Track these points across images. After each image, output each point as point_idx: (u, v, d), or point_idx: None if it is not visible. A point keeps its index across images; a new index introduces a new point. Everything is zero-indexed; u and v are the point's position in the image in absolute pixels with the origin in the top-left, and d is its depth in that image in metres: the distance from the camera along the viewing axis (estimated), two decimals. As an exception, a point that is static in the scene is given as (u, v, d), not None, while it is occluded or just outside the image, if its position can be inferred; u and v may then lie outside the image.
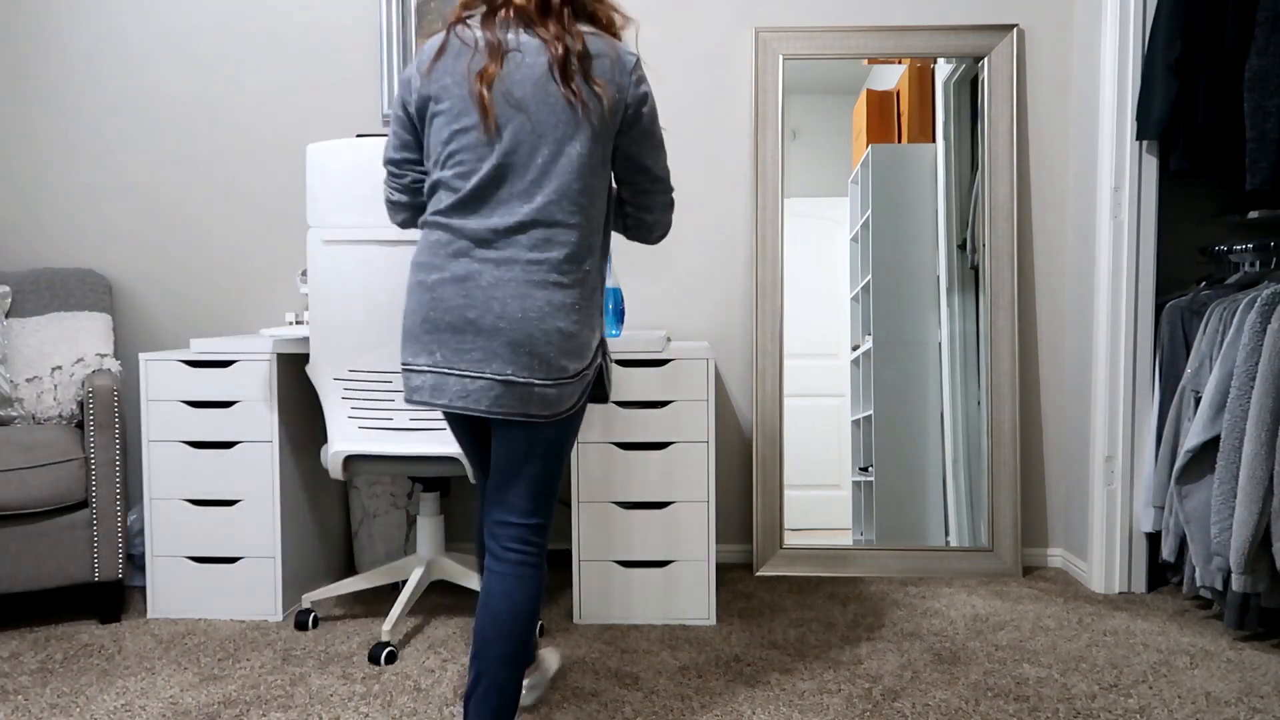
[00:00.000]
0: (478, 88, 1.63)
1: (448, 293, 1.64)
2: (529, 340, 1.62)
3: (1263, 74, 2.35)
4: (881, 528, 2.98)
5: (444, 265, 1.65)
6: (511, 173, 1.64)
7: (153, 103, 3.13)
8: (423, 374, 1.66)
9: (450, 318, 1.64)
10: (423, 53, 1.71)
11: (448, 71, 1.67)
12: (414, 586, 2.43)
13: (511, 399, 1.63)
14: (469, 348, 1.63)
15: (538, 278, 1.63)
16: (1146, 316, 2.71)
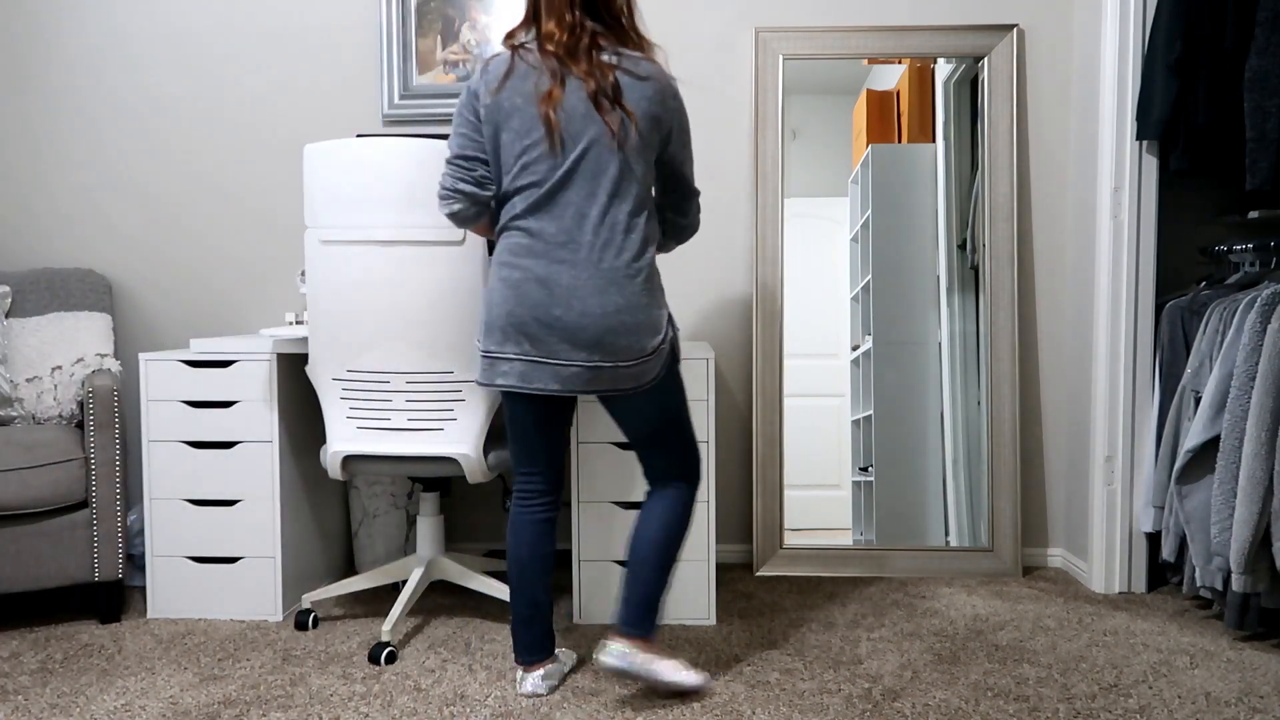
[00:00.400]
0: (544, 109, 1.88)
1: (532, 291, 1.89)
2: (609, 331, 1.89)
3: (1263, 74, 2.35)
4: (881, 528, 2.98)
5: (525, 266, 1.90)
6: (577, 184, 1.90)
7: (153, 103, 3.13)
8: (510, 361, 1.92)
9: (537, 313, 1.89)
10: (489, 71, 1.95)
11: (517, 91, 1.91)
12: (414, 586, 2.43)
13: (600, 380, 1.91)
14: (556, 340, 1.89)
15: (610, 278, 1.89)
16: (1146, 316, 2.71)
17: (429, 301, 2.19)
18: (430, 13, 3.05)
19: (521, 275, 1.90)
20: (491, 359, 1.94)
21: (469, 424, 2.27)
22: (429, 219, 2.15)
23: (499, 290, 1.93)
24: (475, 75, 1.98)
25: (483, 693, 2.09)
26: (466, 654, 2.31)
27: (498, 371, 1.94)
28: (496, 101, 1.92)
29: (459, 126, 1.97)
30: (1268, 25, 2.35)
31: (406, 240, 2.16)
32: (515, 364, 1.92)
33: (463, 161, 1.96)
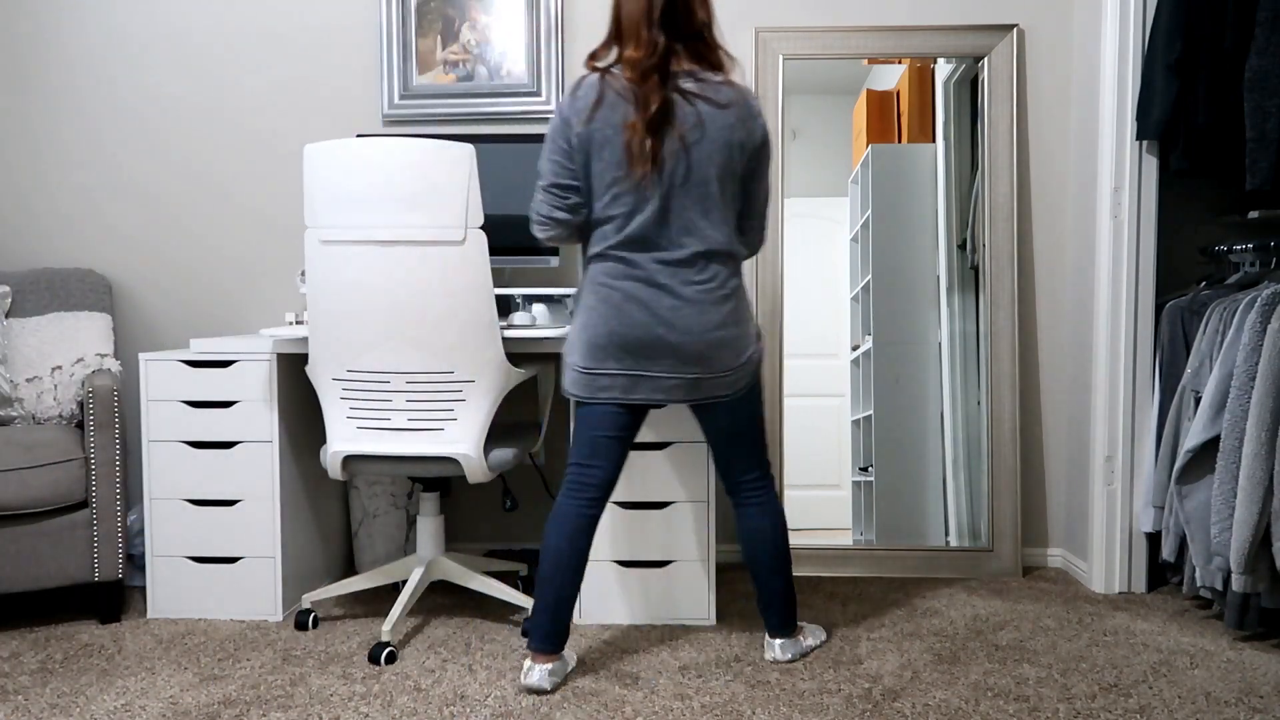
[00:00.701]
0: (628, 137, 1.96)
1: (634, 312, 2.02)
2: (709, 347, 2.03)
3: (1263, 74, 2.35)
4: (881, 528, 2.98)
5: (626, 290, 2.03)
6: (668, 214, 2.01)
7: (153, 103, 3.13)
8: (613, 376, 2.05)
9: (640, 333, 2.02)
10: (578, 99, 2.02)
11: (606, 122, 1.99)
12: (414, 586, 2.43)
13: (698, 390, 2.07)
14: (660, 357, 2.03)
15: (707, 299, 2.03)
16: (1146, 316, 2.71)
17: (429, 301, 2.19)
18: (430, 13, 3.05)
19: (622, 297, 2.03)
20: (593, 374, 2.07)
21: (469, 424, 2.27)
22: (429, 219, 2.15)
23: (599, 310, 2.04)
24: (565, 101, 2.05)
25: (483, 693, 2.09)
26: (466, 654, 2.31)
27: (599, 385, 2.07)
28: (588, 132, 2.00)
29: (552, 154, 2.05)
30: (1268, 25, 2.35)
31: (406, 240, 2.16)
32: (619, 378, 2.05)
33: (557, 190, 2.05)
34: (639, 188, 2.00)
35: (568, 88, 2.04)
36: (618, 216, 2.02)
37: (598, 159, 2.01)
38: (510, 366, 2.30)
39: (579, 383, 2.09)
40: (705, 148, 2.00)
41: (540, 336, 2.43)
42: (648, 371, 2.04)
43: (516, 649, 2.34)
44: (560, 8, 3.02)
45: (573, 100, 2.03)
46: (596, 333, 2.05)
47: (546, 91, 3.03)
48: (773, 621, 2.25)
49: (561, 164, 2.04)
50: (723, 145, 2.01)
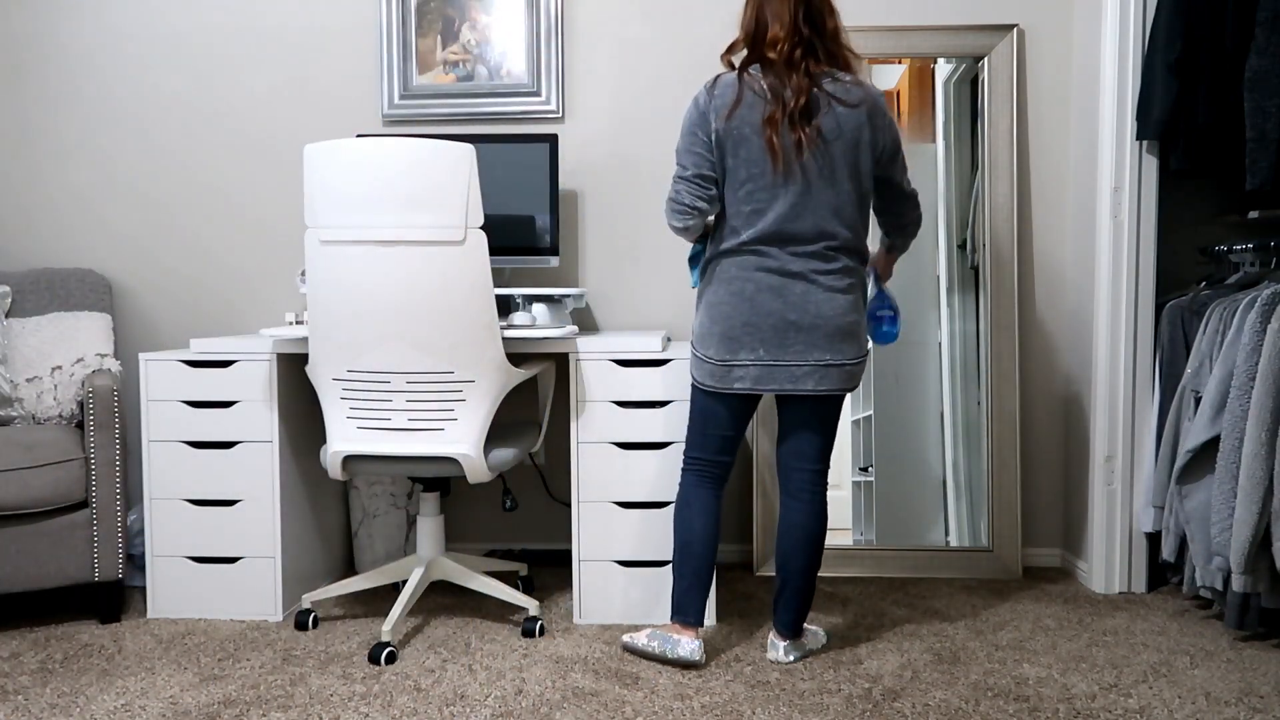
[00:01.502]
0: (768, 134, 2.04)
1: (767, 301, 2.10)
2: (839, 331, 2.12)
3: (1263, 74, 2.35)
4: (881, 528, 2.98)
5: (758, 280, 2.11)
6: (801, 210, 2.08)
7: (153, 103, 3.13)
8: (746, 367, 2.13)
9: (773, 320, 2.11)
10: (718, 95, 2.10)
11: (745, 121, 2.07)
12: (414, 586, 2.43)
13: (829, 378, 2.13)
14: (792, 342, 2.11)
15: (835, 286, 2.11)
16: (1146, 316, 2.71)
17: (429, 301, 2.19)
18: (430, 13, 3.05)
19: (755, 288, 2.11)
20: (727, 366, 2.15)
21: (469, 424, 2.27)
22: (429, 219, 2.15)
23: (730, 302, 2.13)
24: (703, 96, 2.12)
25: (483, 693, 2.09)
26: (466, 654, 2.31)
27: (734, 377, 2.15)
28: (728, 128, 2.08)
29: (692, 145, 2.13)
30: (1268, 25, 2.35)
31: (406, 240, 2.16)
32: (751, 369, 2.13)
33: (700, 181, 2.13)
34: (774, 184, 2.08)
35: (705, 83, 2.15)
36: (751, 213, 2.10)
37: (733, 156, 2.10)
38: (510, 366, 2.30)
39: (714, 374, 2.17)
40: (839, 145, 2.08)
41: (540, 336, 2.43)
42: (780, 360, 2.12)
43: (517, 649, 2.34)
44: (560, 8, 3.02)
45: (712, 97, 2.11)
46: (731, 324, 2.13)
47: (546, 91, 3.03)
48: (784, 619, 2.25)
49: (702, 155, 2.12)
50: (853, 144, 2.09)
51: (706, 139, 2.11)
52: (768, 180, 2.08)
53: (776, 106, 2.05)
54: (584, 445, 2.49)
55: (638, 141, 3.05)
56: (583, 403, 2.48)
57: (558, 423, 3.03)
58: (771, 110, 2.05)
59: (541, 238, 2.85)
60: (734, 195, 2.12)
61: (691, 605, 2.23)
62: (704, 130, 2.11)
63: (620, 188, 3.06)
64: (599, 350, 2.48)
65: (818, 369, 2.12)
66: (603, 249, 3.07)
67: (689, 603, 2.23)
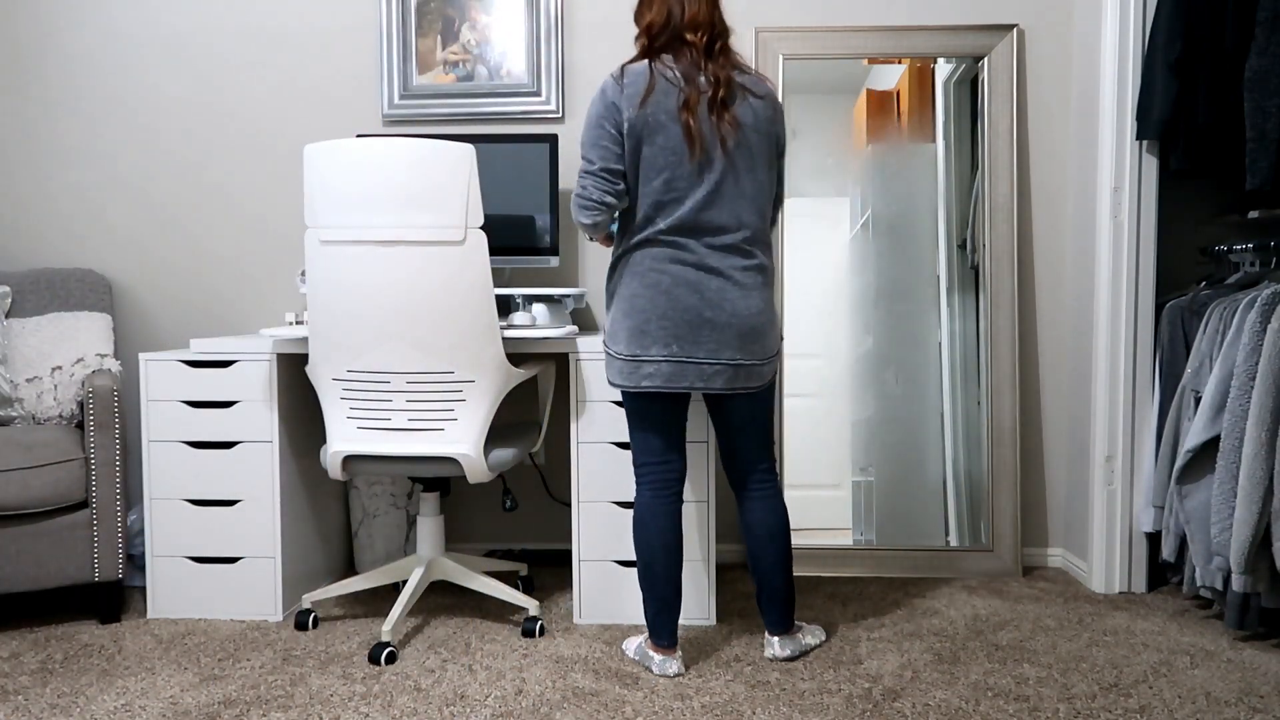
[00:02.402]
0: (685, 119, 2.00)
1: (683, 296, 2.05)
2: (753, 330, 2.08)
3: (1263, 74, 2.35)
4: (881, 528, 2.98)
5: (674, 273, 2.05)
6: (720, 198, 2.04)
7: (153, 104, 3.13)
8: (657, 363, 2.07)
9: (688, 316, 2.05)
10: (629, 84, 2.04)
11: (660, 108, 2.02)
12: (414, 586, 2.43)
13: (738, 378, 2.09)
14: (705, 340, 2.06)
15: (749, 283, 2.08)
16: (1146, 316, 2.71)
17: (429, 301, 2.19)
18: (430, 13, 3.05)
19: (671, 281, 2.05)
20: (637, 362, 2.08)
21: (469, 424, 2.28)
22: (429, 219, 2.15)
23: (645, 296, 2.06)
24: (611, 86, 2.06)
25: (483, 693, 2.09)
26: (466, 654, 2.31)
27: (643, 374, 2.08)
28: (641, 116, 2.02)
29: (600, 139, 2.06)
30: (1268, 25, 2.35)
31: (406, 240, 2.16)
32: (662, 365, 2.07)
33: (607, 175, 2.07)
34: (692, 172, 2.04)
35: (610, 75, 2.08)
36: (669, 202, 2.05)
37: (649, 144, 2.03)
38: (510, 366, 2.30)
39: (622, 371, 2.11)
40: (754, 135, 2.07)
41: (540, 336, 2.43)
42: (691, 357, 2.06)
43: (517, 649, 2.34)
44: (560, 8, 3.02)
45: (622, 86, 2.04)
46: (644, 318, 2.07)
47: (546, 91, 3.03)
48: (772, 617, 2.25)
49: (609, 148, 2.06)
50: (766, 135, 2.09)
51: (615, 131, 2.05)
52: (685, 169, 2.03)
53: (692, 91, 2.02)
54: (584, 445, 2.49)
55: (638, 141, 3.05)
56: (583, 403, 2.48)
57: (558, 423, 3.03)
58: (687, 95, 2.01)
59: (541, 238, 2.85)
60: (649, 185, 2.06)
61: (664, 628, 2.18)
62: (612, 122, 2.05)
63: (620, 188, 3.06)
64: (599, 350, 2.48)
65: (728, 368, 2.08)
66: (603, 249, 3.07)
67: (660, 626, 2.18)
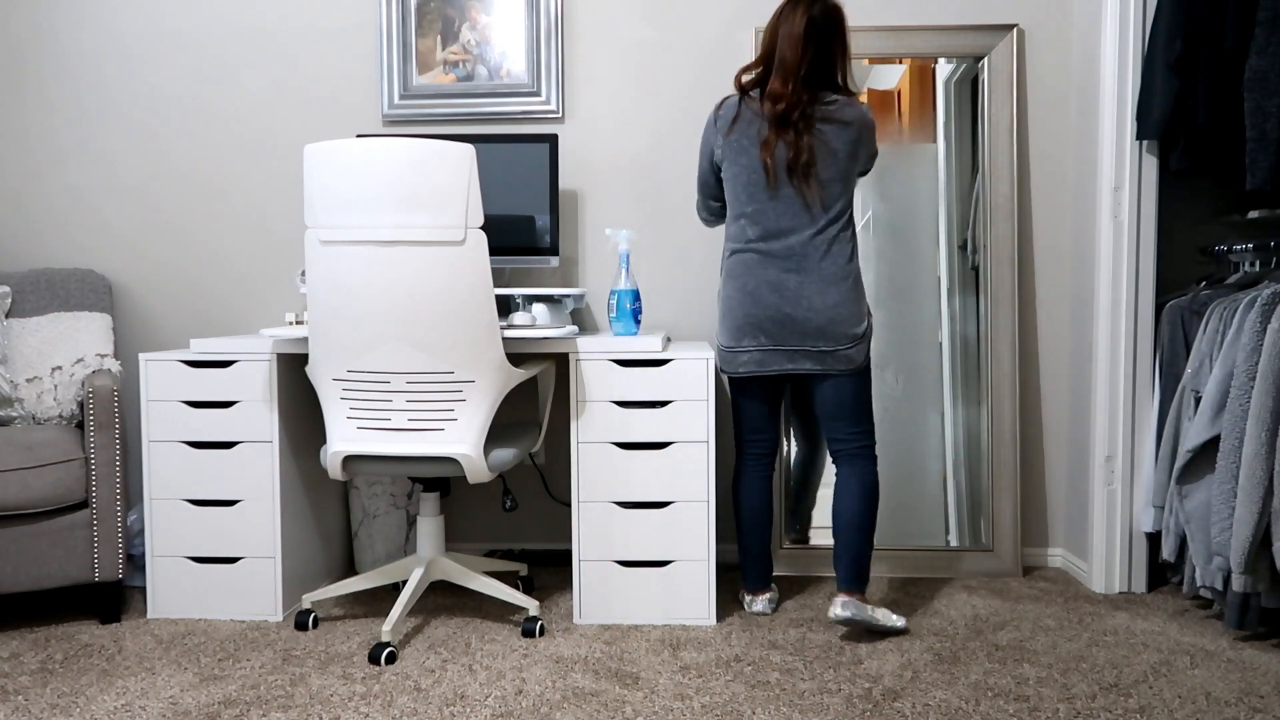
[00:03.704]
0: (763, 155, 2.36)
1: (766, 295, 2.39)
2: (830, 322, 2.38)
3: (1263, 74, 2.35)
4: (882, 528, 2.97)
5: (759, 276, 2.40)
6: (795, 213, 2.38)
7: (152, 104, 3.13)
8: (749, 353, 2.43)
9: (771, 312, 2.39)
10: (721, 116, 2.45)
11: (744, 134, 2.40)
12: (414, 586, 2.43)
13: (823, 361, 2.40)
14: (789, 333, 2.39)
15: (825, 279, 2.38)
16: (1146, 316, 2.71)
17: (429, 302, 2.19)
18: (430, 13, 3.05)
19: (756, 283, 2.40)
20: (734, 352, 2.45)
21: (469, 424, 2.28)
22: (429, 219, 2.15)
23: (736, 297, 2.43)
24: (711, 115, 2.47)
25: (483, 693, 2.09)
26: (466, 654, 2.31)
27: (739, 361, 2.45)
28: (727, 142, 2.42)
29: (700, 162, 2.53)
30: (1268, 25, 2.35)
31: (406, 240, 2.16)
32: (754, 354, 2.42)
33: (705, 196, 2.56)
34: (769, 195, 2.38)
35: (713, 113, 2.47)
36: (754, 213, 2.40)
37: (735, 164, 2.41)
38: (510, 366, 2.30)
39: (723, 359, 2.48)
40: (826, 157, 2.36)
41: (540, 336, 2.43)
42: (778, 346, 2.40)
43: (517, 649, 2.34)
44: (560, 8, 3.02)
45: (716, 116, 2.46)
46: (735, 316, 2.43)
47: (546, 91, 3.03)
48: (841, 575, 2.43)
49: (707, 173, 2.51)
50: (844, 155, 2.37)
51: (709, 158, 2.49)
52: (764, 190, 2.39)
53: (771, 129, 2.35)
54: (584, 445, 2.49)
55: (638, 141, 3.05)
56: (583, 403, 2.48)
57: (558, 423, 3.03)
58: (767, 133, 2.36)
59: (541, 238, 2.85)
60: (737, 201, 2.43)
61: (751, 574, 2.59)
62: (708, 149, 2.48)
63: (620, 188, 3.06)
64: (599, 350, 2.48)
65: (810, 354, 2.40)
66: (603, 249, 3.07)
67: (748, 572, 2.59)
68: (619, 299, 2.57)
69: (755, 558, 2.58)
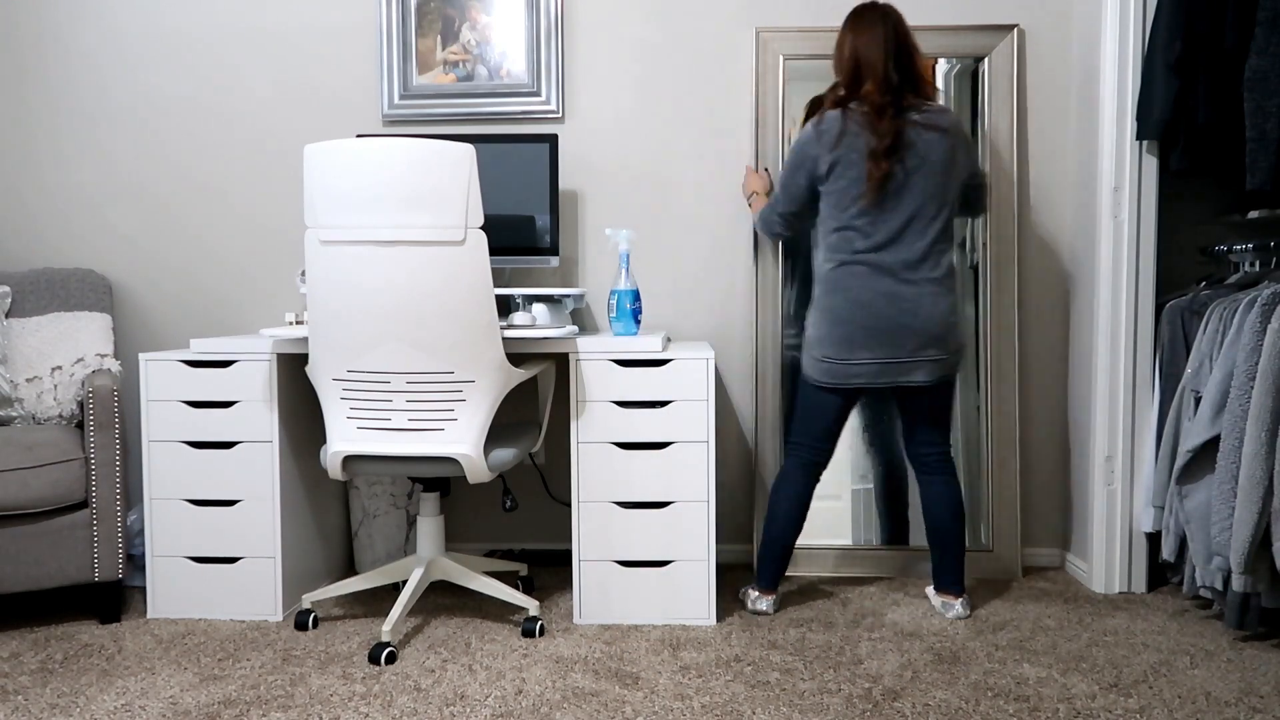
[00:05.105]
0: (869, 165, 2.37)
1: (883, 307, 2.40)
2: (946, 330, 2.43)
3: (1263, 74, 2.35)
4: (882, 528, 2.97)
5: (874, 288, 2.41)
6: (904, 224, 2.40)
7: (153, 104, 3.13)
8: (865, 365, 2.43)
9: (887, 324, 2.40)
10: (825, 131, 2.43)
11: (851, 148, 2.40)
12: (414, 586, 2.43)
13: (935, 370, 2.45)
14: (904, 342, 2.41)
15: (938, 290, 2.42)
16: (1146, 316, 2.71)
17: (429, 302, 2.19)
18: (430, 13, 3.05)
19: (870, 295, 2.40)
20: (846, 364, 2.44)
21: (469, 424, 2.28)
22: (429, 219, 2.15)
23: (848, 308, 2.42)
24: (811, 131, 2.45)
25: (483, 693, 2.09)
26: (466, 654, 2.31)
27: (852, 373, 2.44)
28: (834, 156, 2.41)
29: (793, 182, 2.50)
30: (1268, 25, 2.35)
31: (406, 240, 2.16)
32: (870, 366, 2.43)
33: (791, 218, 2.56)
34: (877, 205, 2.39)
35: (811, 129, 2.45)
36: (865, 225, 2.41)
37: (843, 178, 2.41)
38: (510, 367, 2.30)
39: (831, 372, 2.46)
40: (930, 165, 2.40)
41: (540, 336, 2.43)
42: (894, 358, 2.42)
43: (517, 649, 2.34)
44: (560, 8, 3.02)
45: (820, 132, 2.43)
46: (850, 328, 2.42)
47: (546, 91, 3.03)
48: (951, 580, 2.56)
49: (800, 195, 2.50)
50: (944, 163, 2.41)
51: (808, 177, 2.46)
52: (870, 202, 2.40)
53: (874, 139, 2.37)
54: (584, 445, 2.49)
55: (638, 141, 3.05)
56: (583, 403, 2.48)
57: (558, 423, 3.03)
58: (872, 143, 2.37)
59: (541, 238, 2.85)
60: (845, 213, 2.43)
61: (764, 573, 2.59)
62: (808, 167, 2.45)
63: (620, 188, 3.06)
64: (599, 350, 2.48)
65: (925, 363, 2.43)
66: (603, 249, 3.08)
67: (763, 571, 2.59)
68: (619, 299, 2.57)
69: (778, 559, 2.58)
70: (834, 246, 2.45)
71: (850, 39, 2.46)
